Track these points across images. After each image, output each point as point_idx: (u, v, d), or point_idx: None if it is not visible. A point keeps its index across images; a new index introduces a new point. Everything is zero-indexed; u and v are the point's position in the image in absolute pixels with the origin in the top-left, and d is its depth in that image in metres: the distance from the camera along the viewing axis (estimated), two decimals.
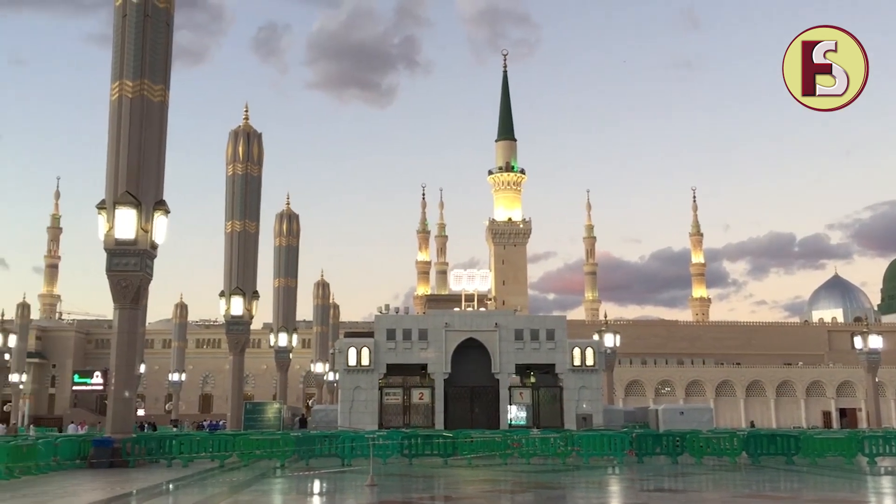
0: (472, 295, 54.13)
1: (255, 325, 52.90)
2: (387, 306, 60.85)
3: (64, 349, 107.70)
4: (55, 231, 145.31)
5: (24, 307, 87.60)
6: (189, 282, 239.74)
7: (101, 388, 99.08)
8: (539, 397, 47.12)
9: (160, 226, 30.37)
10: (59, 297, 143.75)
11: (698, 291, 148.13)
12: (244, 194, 47.47)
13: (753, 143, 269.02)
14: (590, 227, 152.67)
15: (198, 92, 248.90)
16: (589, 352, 46.90)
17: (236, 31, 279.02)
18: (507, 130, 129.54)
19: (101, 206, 29.87)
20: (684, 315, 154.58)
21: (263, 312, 60.99)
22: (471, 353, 46.64)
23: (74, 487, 21.88)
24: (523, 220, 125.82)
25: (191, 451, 29.31)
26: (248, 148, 47.96)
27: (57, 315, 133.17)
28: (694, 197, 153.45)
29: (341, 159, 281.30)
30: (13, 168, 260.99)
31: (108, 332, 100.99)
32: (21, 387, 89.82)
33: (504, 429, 42.31)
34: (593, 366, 46.73)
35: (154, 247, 30.22)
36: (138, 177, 29.86)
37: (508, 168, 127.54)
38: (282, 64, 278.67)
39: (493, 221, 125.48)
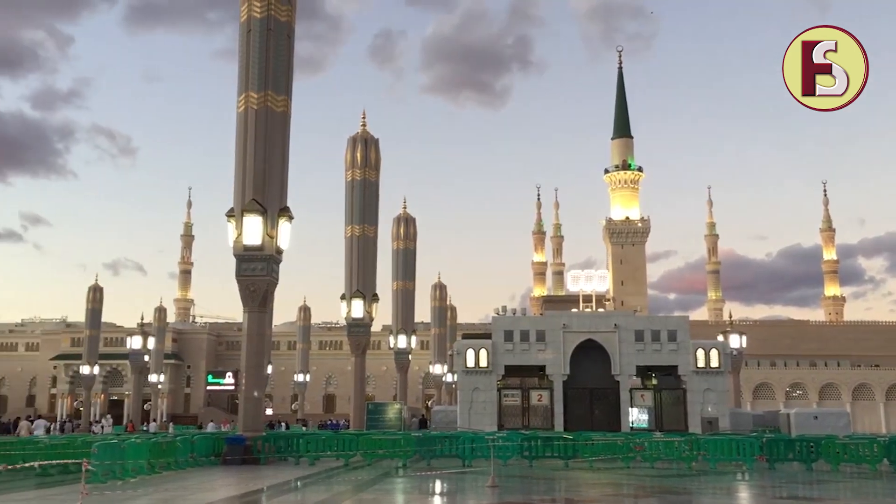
0: (590, 296, 53.37)
1: (375, 327, 54.01)
2: (504, 308, 60.91)
3: (197, 351, 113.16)
4: (188, 239, 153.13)
5: (160, 311, 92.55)
6: (311, 285, 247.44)
7: (232, 388, 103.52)
8: (661, 400, 45.94)
9: (284, 231, 31.47)
10: (192, 301, 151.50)
11: (831, 290, 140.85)
12: (363, 199, 48.55)
13: (888, 131, 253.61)
14: (711, 225, 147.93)
15: (317, 100, 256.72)
16: (713, 353, 45.37)
17: (353, 40, 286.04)
18: (622, 128, 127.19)
19: (230, 213, 31.25)
20: (816, 315, 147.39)
21: (383, 315, 62.34)
22: (590, 354, 46.00)
23: (211, 483, 22.97)
24: (641, 219, 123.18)
25: (317, 449, 30.17)
26: (365, 153, 49.03)
27: (191, 318, 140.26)
28: (825, 191, 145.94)
29: (456, 162, 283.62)
30: (149, 180, 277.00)
31: (237, 334, 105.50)
32: (159, 387, 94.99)
33: (625, 431, 41.49)
34: (718, 367, 45.17)
35: (279, 252, 31.34)
36: (264, 185, 31.04)
37: (625, 166, 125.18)
38: (397, 70, 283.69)
39: (610, 220, 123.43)
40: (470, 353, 45.82)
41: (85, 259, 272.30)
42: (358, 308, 47.17)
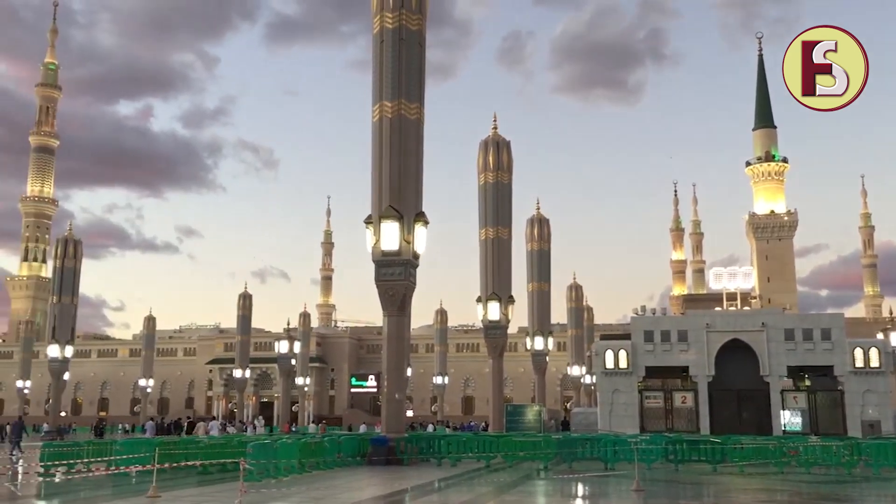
0: (734, 294, 51.26)
1: (512, 329, 53.98)
2: (643, 307, 59.36)
3: (340, 354, 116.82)
4: (328, 246, 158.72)
5: (305, 316, 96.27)
6: (448, 288, 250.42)
7: (374, 390, 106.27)
8: (816, 402, 43.52)
9: (420, 236, 32.03)
10: (333, 306, 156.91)
11: None
12: (496, 202, 48.72)
13: None
14: (866, 216, 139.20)
15: (448, 106, 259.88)
16: (873, 352, 42.58)
17: (482, 44, 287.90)
18: (765, 118, 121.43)
19: (368, 220, 32.12)
20: None
21: (519, 316, 62.12)
22: (735, 354, 44.18)
23: (357, 482, 23.67)
24: (788, 212, 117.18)
25: (458, 451, 30.52)
26: (497, 156, 49.19)
27: (333, 323, 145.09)
28: None
29: (589, 161, 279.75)
30: (291, 191, 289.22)
31: (377, 337, 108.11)
32: (306, 389, 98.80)
33: (777, 435, 39.56)
34: (879, 367, 42.35)
35: (416, 256, 31.93)
36: (399, 191, 31.71)
37: (769, 157, 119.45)
38: (526, 71, 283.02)
39: (753, 215, 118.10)
40: (609, 355, 45.03)
41: (234, 268, 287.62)
42: (494, 310, 47.35)
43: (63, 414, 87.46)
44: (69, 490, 21.78)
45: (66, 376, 63.56)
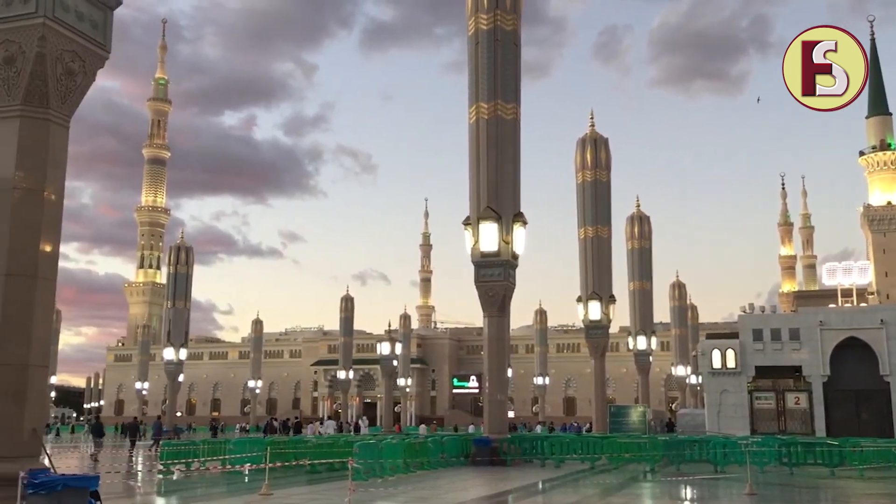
0: (850, 290, 48.95)
1: (613, 328, 53.26)
2: (750, 305, 57.30)
3: (440, 355, 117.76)
4: (426, 248, 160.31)
5: (405, 318, 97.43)
6: (547, 288, 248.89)
7: (475, 391, 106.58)
8: None
9: (519, 237, 31.97)
10: (433, 307, 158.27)
11: None
12: (594, 200, 48.13)
13: None
14: None
15: (544, 104, 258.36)
16: None
17: (577, 40, 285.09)
18: (879, 104, 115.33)
19: (466, 222, 32.28)
20: None
21: (620, 316, 61.18)
22: (852, 353, 42.12)
23: (461, 483, 23.79)
24: None
25: (561, 452, 30.27)
26: (595, 154, 48.58)
27: (432, 324, 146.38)
28: None
29: (691, 155, 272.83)
30: (389, 194, 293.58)
31: (477, 338, 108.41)
32: (407, 390, 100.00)
33: None
34: None
35: (515, 257, 31.87)
36: (497, 192, 31.73)
37: (884, 146, 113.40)
38: (623, 66, 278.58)
39: (868, 207, 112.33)
40: (716, 354, 43.72)
41: (336, 271, 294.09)
42: (595, 310, 46.78)
43: (178, 414, 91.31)
44: (187, 487, 22.72)
45: (181, 378, 66.24)
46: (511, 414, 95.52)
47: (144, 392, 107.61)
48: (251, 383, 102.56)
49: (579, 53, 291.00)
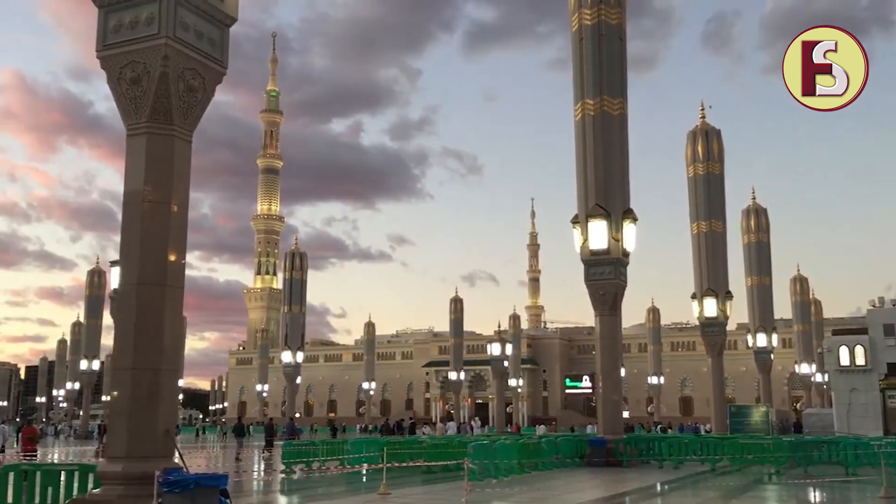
0: None
1: (730, 325, 51.46)
2: (880, 299, 54.31)
3: (551, 355, 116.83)
4: (534, 248, 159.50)
5: (514, 318, 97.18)
6: (659, 286, 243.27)
7: (588, 391, 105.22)
8: None
9: (629, 234, 31.37)
10: (542, 307, 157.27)
11: None
12: (707, 194, 46.66)
13: None
14: None
15: (652, 97, 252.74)
16: None
17: (684, 30, 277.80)
18: None
19: (574, 220, 31.92)
20: None
21: (738, 312, 59.24)
22: None
23: (577, 483, 23.53)
24: None
25: (679, 453, 29.46)
26: (707, 146, 47.10)
27: (542, 324, 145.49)
28: None
29: (809, 143, 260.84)
30: (495, 195, 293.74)
31: (588, 338, 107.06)
32: (519, 390, 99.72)
33: None
34: None
35: (626, 254, 31.29)
36: (606, 189, 31.24)
37: None
38: (734, 54, 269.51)
39: None
40: (843, 351, 41.62)
41: (444, 273, 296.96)
42: (711, 307, 45.34)
43: (297, 415, 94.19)
44: (308, 486, 23.39)
45: (299, 380, 68.30)
46: (625, 414, 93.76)
47: (265, 394, 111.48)
48: (365, 385, 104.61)
49: (687, 43, 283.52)
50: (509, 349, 77.44)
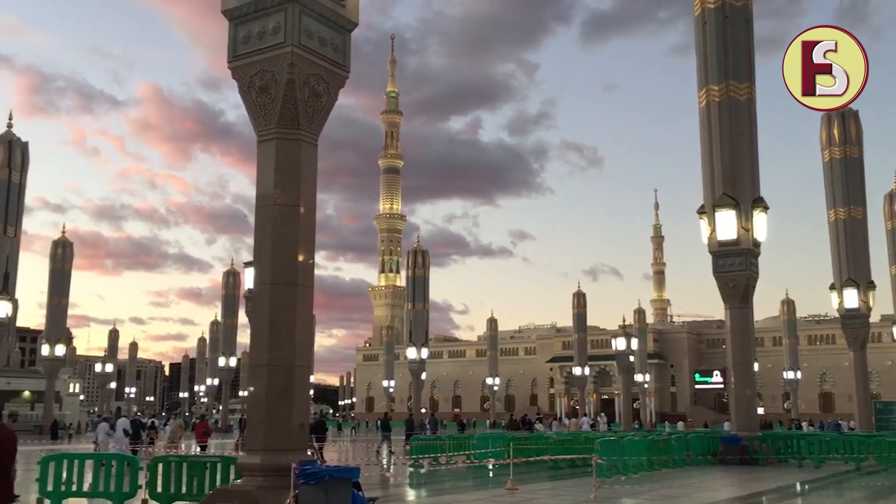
0: None
1: (874, 317, 48.55)
2: None
3: (678, 350, 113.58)
4: (658, 240, 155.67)
5: (639, 312, 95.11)
6: (793, 276, 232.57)
7: (719, 386, 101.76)
8: None
9: (760, 223, 30.14)
10: (668, 301, 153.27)
11: None
12: (845, 179, 44.22)
13: None
14: None
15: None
16: None
17: (817, 6, 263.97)
18: None
19: (701, 210, 30.94)
20: None
21: (882, 303, 55.58)
22: None
23: (710, 482, 22.82)
24: None
25: (819, 451, 28.05)
26: (843, 129, 44.61)
27: (668, 318, 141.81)
28: None
29: None
30: (617, 187, 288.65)
31: (717, 331, 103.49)
32: (646, 386, 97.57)
33: None
34: None
35: (756, 245, 30.10)
36: (734, 177, 30.14)
37: None
38: (873, 29, 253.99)
39: None
40: None
41: (566, 267, 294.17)
42: (851, 298, 42.96)
43: (423, 410, 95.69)
44: (435, 480, 23.71)
45: (424, 376, 69.27)
46: (760, 410, 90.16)
47: (391, 389, 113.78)
48: (489, 380, 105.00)
49: (820, 20, 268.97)
50: (635, 344, 75.77)
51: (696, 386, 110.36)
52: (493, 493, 19.03)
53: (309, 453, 10.86)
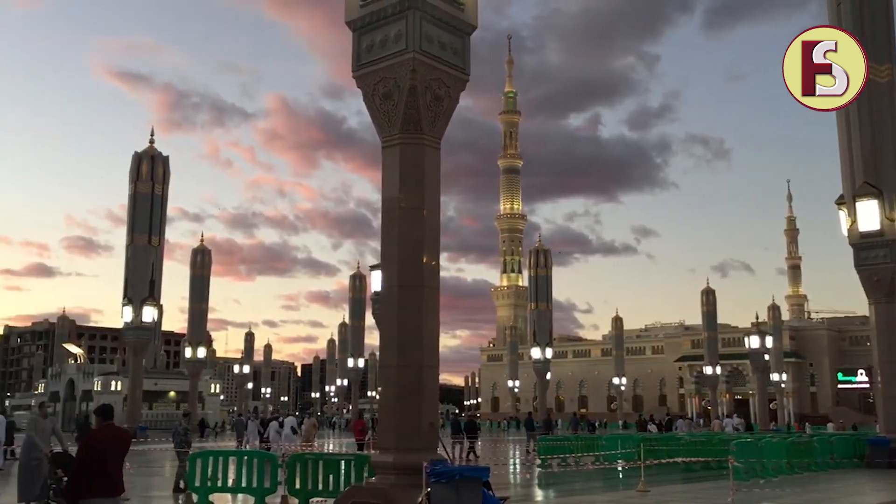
0: None
1: None
2: None
3: (817, 348, 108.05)
4: (792, 233, 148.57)
5: (773, 309, 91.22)
6: None
7: (865, 386, 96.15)
8: None
9: None
10: (804, 296, 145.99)
11: None
12: None
13: None
14: None
15: None
16: None
17: None
18: None
19: (839, 201, 29.41)
20: None
21: None
22: None
23: (856, 487, 21.63)
24: None
25: None
26: None
27: (805, 314, 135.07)
28: None
29: None
30: (746, 179, 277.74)
31: (861, 328, 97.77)
32: (783, 385, 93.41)
33: None
34: None
35: None
36: (875, 164, 28.51)
37: None
38: None
39: None
40: None
41: (693, 263, 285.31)
42: None
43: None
44: (564, 480, 23.54)
45: (548, 376, 68.90)
46: None
47: (516, 390, 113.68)
48: (615, 380, 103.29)
49: None
50: (769, 342, 72.81)
51: (839, 386, 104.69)
52: (625, 495, 18.72)
53: (463, 454, 10.99)
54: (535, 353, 65.41)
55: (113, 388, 72.70)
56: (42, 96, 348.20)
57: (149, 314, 49.73)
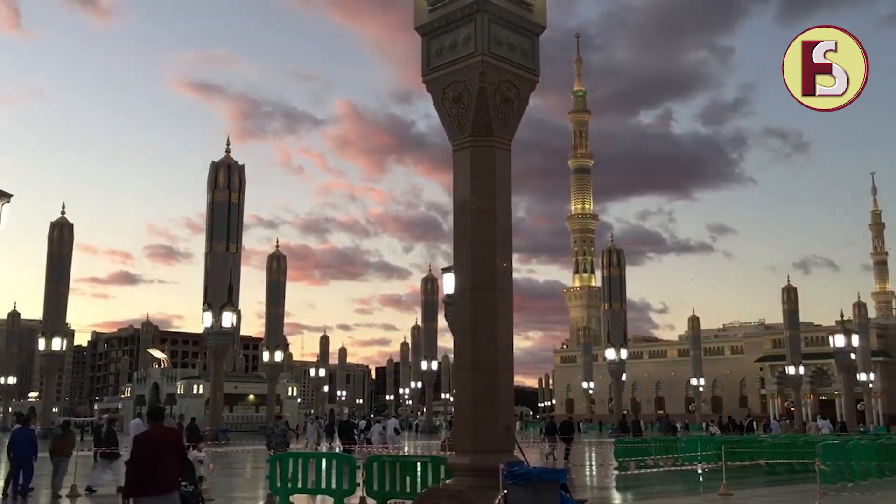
0: None
1: None
2: None
3: None
4: (878, 227, 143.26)
5: (859, 306, 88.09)
6: None
7: None
8: None
9: None
10: (892, 293, 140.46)
11: None
12: None
13: None
14: None
15: None
16: None
17: None
18: None
19: None
20: None
21: None
22: None
23: None
24: None
25: None
26: None
27: (893, 312, 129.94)
28: None
29: None
30: (826, 172, 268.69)
31: None
32: (870, 385, 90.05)
33: None
34: None
35: None
36: None
37: None
38: None
39: None
40: None
41: (773, 260, 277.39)
42: None
43: (625, 412, 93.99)
44: (643, 483, 23.16)
45: (624, 377, 67.96)
46: None
47: (591, 391, 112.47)
48: (693, 381, 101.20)
49: None
50: (855, 340, 70.27)
51: None
52: (706, 498, 18.35)
53: (557, 454, 10.94)
54: (610, 353, 64.68)
55: (195, 391, 74.74)
56: (122, 110, 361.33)
57: (228, 319, 50.96)
